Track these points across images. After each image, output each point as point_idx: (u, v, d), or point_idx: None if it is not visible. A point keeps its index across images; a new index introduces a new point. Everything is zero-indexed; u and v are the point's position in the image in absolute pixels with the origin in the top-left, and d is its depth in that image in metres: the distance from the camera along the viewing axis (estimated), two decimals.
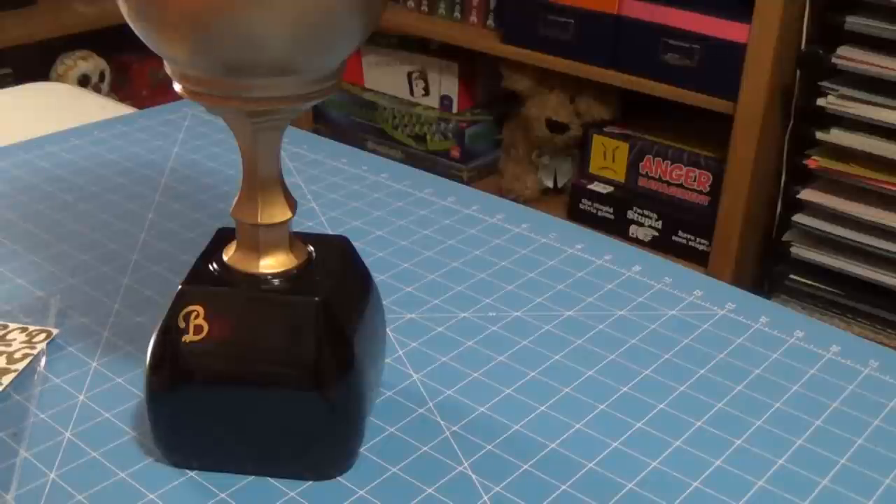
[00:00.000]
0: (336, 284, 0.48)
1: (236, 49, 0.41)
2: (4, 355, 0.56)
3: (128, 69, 2.19)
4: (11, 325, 0.59)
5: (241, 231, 0.48)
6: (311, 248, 0.50)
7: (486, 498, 0.48)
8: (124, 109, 0.97)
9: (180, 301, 0.46)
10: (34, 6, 2.05)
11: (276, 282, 0.47)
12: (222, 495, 0.47)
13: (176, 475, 0.48)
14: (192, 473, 0.49)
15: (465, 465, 0.50)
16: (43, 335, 0.58)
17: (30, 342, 0.58)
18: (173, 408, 0.48)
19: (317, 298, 0.46)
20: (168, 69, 0.44)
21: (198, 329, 0.46)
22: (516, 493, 0.48)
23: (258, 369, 0.46)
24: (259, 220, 0.47)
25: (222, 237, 0.50)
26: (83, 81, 2.05)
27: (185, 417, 0.48)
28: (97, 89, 2.07)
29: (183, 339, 0.46)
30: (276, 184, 0.47)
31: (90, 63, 2.06)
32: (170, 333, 0.46)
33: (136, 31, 0.43)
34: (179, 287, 0.47)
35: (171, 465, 0.49)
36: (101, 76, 2.09)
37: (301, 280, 0.47)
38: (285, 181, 0.48)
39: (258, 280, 0.47)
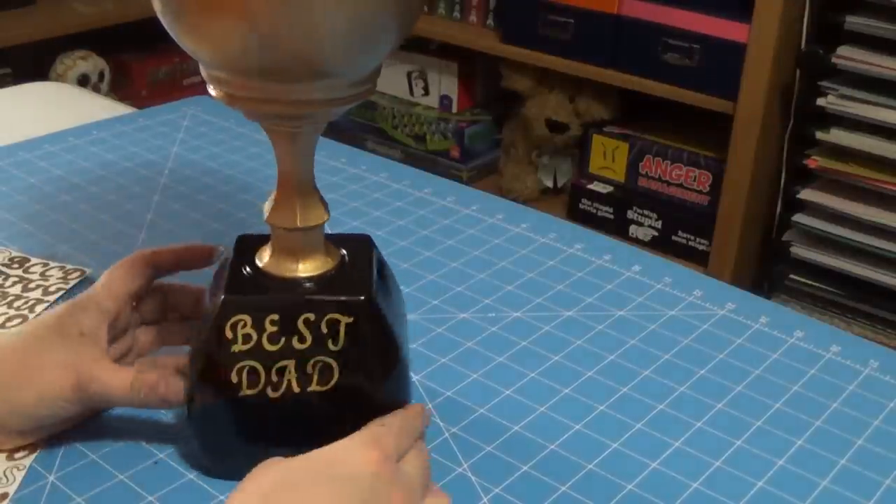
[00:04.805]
0: (372, 282, 0.48)
1: (279, 53, 0.41)
2: (41, 288, 0.62)
3: (127, 69, 2.19)
4: (52, 264, 0.66)
5: (277, 236, 0.48)
6: (342, 249, 0.50)
7: (485, 499, 0.48)
8: (124, 109, 0.97)
9: (226, 311, 0.45)
10: (33, 6, 2.04)
11: (316, 284, 0.47)
12: (221, 497, 0.47)
13: (174, 478, 0.48)
14: (190, 476, 0.48)
15: (465, 466, 0.50)
16: (77, 273, 0.64)
17: (65, 279, 0.63)
18: (223, 418, 0.47)
19: (362, 297, 0.46)
20: (204, 74, 0.44)
21: (246, 338, 0.45)
22: (516, 494, 0.48)
23: (310, 372, 0.46)
24: (298, 224, 0.47)
25: (246, 245, 0.50)
26: (83, 81, 2.04)
27: (233, 427, 0.47)
28: (97, 89, 2.06)
29: (232, 350, 0.45)
30: (312, 187, 0.47)
31: (90, 63, 2.06)
32: (217, 345, 0.45)
33: (175, 36, 0.42)
34: (223, 297, 0.46)
35: (217, 478, 0.48)
36: (101, 76, 2.09)
37: (341, 280, 0.47)
38: None
39: (298, 284, 0.47)
